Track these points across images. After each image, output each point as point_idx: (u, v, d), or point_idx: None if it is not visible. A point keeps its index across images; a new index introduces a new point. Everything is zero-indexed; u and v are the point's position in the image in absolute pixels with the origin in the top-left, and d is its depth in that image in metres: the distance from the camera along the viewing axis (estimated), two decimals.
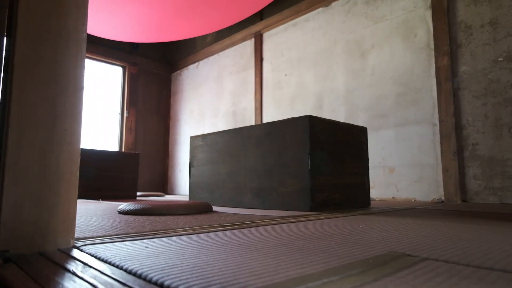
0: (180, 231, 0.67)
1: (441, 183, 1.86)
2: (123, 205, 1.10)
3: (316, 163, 1.22)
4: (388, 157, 2.10)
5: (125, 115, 3.73)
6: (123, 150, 3.71)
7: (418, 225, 0.76)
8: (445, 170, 1.83)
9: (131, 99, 3.78)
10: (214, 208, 1.37)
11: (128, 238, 0.58)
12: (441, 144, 1.86)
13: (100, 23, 2.97)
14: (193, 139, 1.71)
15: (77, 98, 0.52)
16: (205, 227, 0.73)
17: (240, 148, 1.47)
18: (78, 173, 0.53)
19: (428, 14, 2.00)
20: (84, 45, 0.54)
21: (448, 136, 1.83)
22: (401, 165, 2.04)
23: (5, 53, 0.48)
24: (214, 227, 0.73)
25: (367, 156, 1.49)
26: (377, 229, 0.70)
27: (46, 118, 0.49)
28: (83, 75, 0.53)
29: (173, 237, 0.58)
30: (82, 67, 0.53)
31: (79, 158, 0.53)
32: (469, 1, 1.84)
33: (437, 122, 1.90)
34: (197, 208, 1.09)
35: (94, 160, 2.27)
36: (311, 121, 1.22)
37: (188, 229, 0.70)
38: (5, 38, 0.49)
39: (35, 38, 0.49)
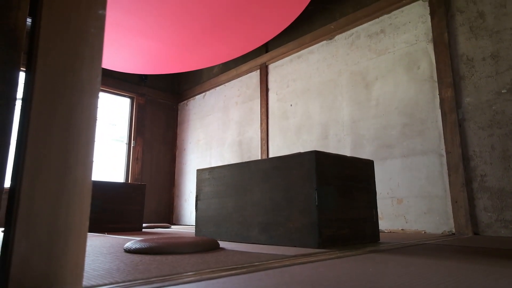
0: (187, 276, 0.67)
1: (451, 215, 1.83)
2: (129, 244, 1.09)
3: (324, 198, 1.22)
4: (396, 188, 2.08)
5: (132, 145, 3.77)
6: (129, 179, 3.73)
7: (430, 267, 0.74)
8: (454, 202, 1.80)
9: (138, 129, 3.83)
10: (221, 244, 1.35)
11: (136, 285, 0.57)
12: (449, 175, 1.84)
13: (111, 56, 3.08)
14: (199, 172, 1.72)
15: (89, 149, 0.53)
16: (212, 271, 0.72)
17: (247, 182, 1.47)
18: (87, 223, 0.53)
19: (430, 47, 2.05)
20: (97, 97, 0.56)
21: (456, 167, 1.82)
22: (409, 196, 2.01)
23: (21, 115, 0.50)
24: (222, 270, 0.73)
25: (375, 188, 1.48)
26: (388, 272, 0.68)
27: (58, 170, 0.51)
28: (95, 127, 0.55)
29: (181, 285, 0.58)
30: (94, 119, 0.54)
31: (89, 208, 0.53)
32: (470, 35, 1.88)
33: (443, 153, 1.89)
34: (203, 246, 1.08)
35: (101, 192, 2.27)
36: (317, 156, 1.23)
37: (195, 274, 0.69)
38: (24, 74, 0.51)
39: (50, 95, 0.51)
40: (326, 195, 1.23)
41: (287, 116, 2.85)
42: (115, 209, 2.33)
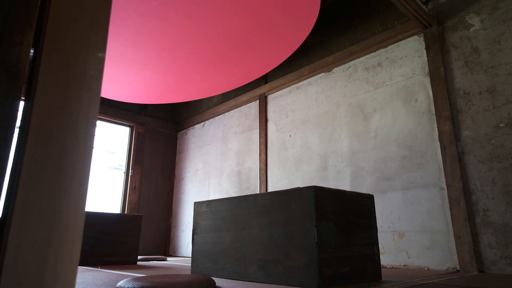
0: None
1: (454, 251, 1.78)
2: (122, 283, 1.05)
3: (323, 235, 1.18)
4: (397, 222, 2.04)
5: (130, 174, 3.74)
6: (126, 209, 3.67)
7: None
8: (457, 237, 1.76)
9: (137, 158, 3.82)
10: (218, 282, 1.30)
11: None
12: (451, 209, 1.81)
13: (113, 86, 3.12)
14: (197, 205, 1.69)
15: (81, 194, 0.52)
16: None
17: (245, 217, 1.44)
18: (76, 271, 0.51)
19: (427, 81, 2.08)
20: (93, 139, 0.55)
21: (457, 201, 1.79)
22: (411, 230, 1.97)
23: (15, 150, 0.49)
24: None
25: (376, 224, 1.45)
26: None
27: (47, 215, 0.49)
28: (89, 170, 0.54)
29: None
30: (88, 161, 0.53)
31: (79, 255, 0.51)
32: (465, 70, 1.92)
33: (444, 186, 1.87)
34: (199, 287, 1.03)
35: (96, 224, 2.22)
36: (317, 191, 1.21)
37: None
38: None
39: (45, 137, 0.50)
40: (326, 232, 1.20)
41: (286, 146, 2.85)
42: (110, 240, 2.27)
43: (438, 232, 1.86)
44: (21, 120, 0.56)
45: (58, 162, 0.51)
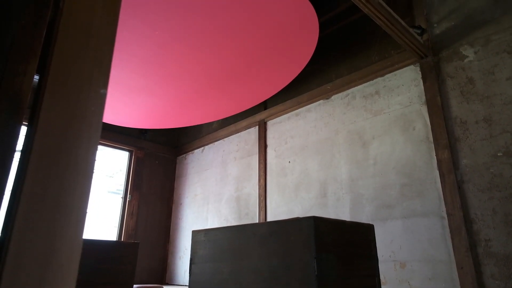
0: None
1: (458, 282, 1.74)
2: None
3: (323, 267, 1.16)
4: (398, 251, 2.01)
5: (128, 199, 3.71)
6: (123, 235, 3.61)
7: None
8: (459, 268, 1.73)
9: (135, 183, 3.80)
10: None
11: None
12: (452, 239, 1.79)
13: (113, 112, 3.15)
14: (195, 233, 1.66)
15: (78, 232, 0.52)
16: None
17: (244, 247, 1.41)
18: None
19: (424, 109, 2.10)
20: (91, 177, 0.55)
21: (459, 231, 1.77)
22: (412, 260, 1.93)
23: (12, 189, 0.49)
24: None
25: (376, 255, 1.42)
26: None
27: (43, 255, 0.48)
28: (86, 209, 0.53)
29: None
30: (86, 201, 0.53)
31: (75, 286, 0.50)
32: (461, 99, 1.95)
33: (445, 215, 1.86)
34: None
35: (91, 252, 2.18)
36: (316, 222, 1.19)
37: None
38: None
39: (44, 174, 0.51)
40: (326, 264, 1.17)
41: (285, 173, 2.84)
42: (106, 269, 2.22)
43: (440, 262, 1.83)
44: (23, 144, 0.57)
45: (55, 200, 0.51)
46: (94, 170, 0.57)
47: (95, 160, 0.59)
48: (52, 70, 0.58)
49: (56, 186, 0.53)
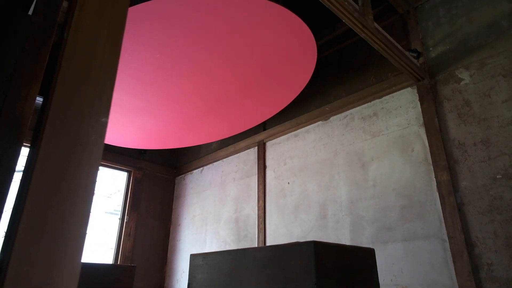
0: None
1: None
2: None
3: None
4: (399, 275, 1.97)
5: (125, 220, 3.67)
6: (120, 257, 3.55)
7: None
8: None
9: (133, 203, 3.77)
10: None
11: None
12: (454, 262, 1.76)
13: (112, 132, 3.16)
14: (193, 257, 1.64)
15: (75, 262, 0.51)
16: None
17: (243, 272, 1.39)
18: None
19: (422, 131, 2.12)
20: (91, 204, 0.55)
21: (460, 254, 1.75)
22: (414, 284, 1.90)
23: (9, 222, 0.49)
24: None
25: (377, 279, 1.40)
26: None
27: (40, 285, 0.47)
28: (85, 238, 0.53)
29: None
30: (85, 230, 0.53)
31: None
32: (459, 121, 1.96)
33: (446, 238, 1.84)
34: None
35: (87, 276, 2.14)
36: (316, 247, 1.18)
37: None
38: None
39: (43, 205, 0.50)
40: None
41: (284, 194, 2.83)
42: None
43: (443, 286, 1.79)
44: (25, 165, 0.58)
45: (54, 229, 0.50)
46: (93, 196, 0.57)
47: (94, 189, 0.59)
48: (55, 100, 0.58)
49: (55, 216, 0.53)
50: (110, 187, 4.48)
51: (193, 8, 1.79)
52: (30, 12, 1.57)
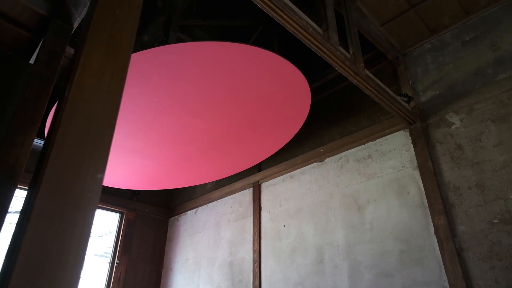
0: None
1: None
2: None
3: None
4: None
5: (115, 264, 3.53)
6: None
7: None
8: None
9: (125, 246, 3.65)
10: None
11: None
12: None
13: (106, 173, 3.12)
14: None
15: None
16: None
17: None
18: None
19: (417, 174, 2.13)
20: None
21: None
22: None
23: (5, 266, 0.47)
24: None
25: None
26: None
27: None
28: (78, 283, 0.51)
29: None
30: (76, 283, 0.51)
31: None
32: (452, 165, 1.98)
33: (447, 285, 1.79)
34: None
35: None
36: None
37: None
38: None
39: (33, 267, 0.49)
40: None
41: (280, 236, 2.76)
42: None
43: None
44: (21, 210, 0.57)
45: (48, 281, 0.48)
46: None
47: (87, 246, 0.57)
48: (52, 157, 0.58)
49: (47, 273, 0.51)
50: (101, 228, 4.35)
51: (190, 55, 1.85)
52: (31, 61, 1.60)
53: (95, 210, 0.61)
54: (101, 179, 0.62)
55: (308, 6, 2.24)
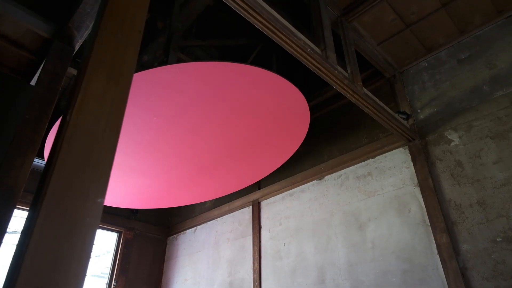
0: None
1: None
2: None
3: None
4: None
5: (112, 286, 3.45)
6: None
7: None
8: None
9: (122, 266, 3.58)
10: None
11: None
12: None
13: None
14: None
15: None
16: None
17: None
18: None
19: (418, 191, 2.12)
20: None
21: None
22: None
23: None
24: None
25: None
26: None
27: None
28: None
29: None
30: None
31: None
32: (453, 182, 1.98)
33: None
34: None
35: None
36: None
37: None
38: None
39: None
40: None
41: (280, 256, 2.72)
42: None
43: None
44: (23, 228, 0.56)
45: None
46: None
47: (87, 269, 0.56)
48: (53, 181, 0.58)
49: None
50: (99, 248, 4.29)
51: (190, 75, 1.87)
52: (32, 82, 1.61)
53: (95, 234, 0.60)
54: (102, 203, 0.61)
55: (306, 27, 2.28)
